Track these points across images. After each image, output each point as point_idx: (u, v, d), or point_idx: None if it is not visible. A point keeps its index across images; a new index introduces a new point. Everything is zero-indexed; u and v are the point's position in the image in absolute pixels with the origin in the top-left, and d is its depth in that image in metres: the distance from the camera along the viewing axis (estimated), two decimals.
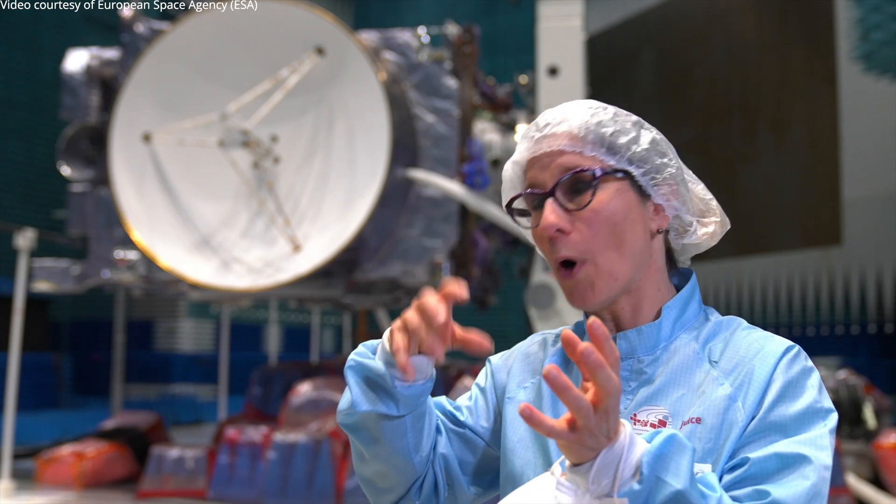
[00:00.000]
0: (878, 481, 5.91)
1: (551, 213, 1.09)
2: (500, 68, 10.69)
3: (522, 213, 1.19)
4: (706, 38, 11.91)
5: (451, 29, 6.68)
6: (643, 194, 1.13)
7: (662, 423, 1.06)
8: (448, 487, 1.23)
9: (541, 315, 6.42)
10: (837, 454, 5.34)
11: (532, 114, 7.02)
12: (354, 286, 6.74)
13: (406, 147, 6.33)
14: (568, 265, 1.10)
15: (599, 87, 7.84)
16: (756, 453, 0.99)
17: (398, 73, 6.52)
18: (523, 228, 1.22)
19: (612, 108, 1.15)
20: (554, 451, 1.13)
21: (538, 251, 1.18)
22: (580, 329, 1.25)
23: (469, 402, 1.28)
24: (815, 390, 1.04)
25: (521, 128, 7.11)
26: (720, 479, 1.00)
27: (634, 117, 1.16)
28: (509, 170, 1.20)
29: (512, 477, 1.17)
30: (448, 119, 6.48)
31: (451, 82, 6.52)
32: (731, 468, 1.01)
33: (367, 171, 6.13)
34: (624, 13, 12.84)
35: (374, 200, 5.93)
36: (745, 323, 1.16)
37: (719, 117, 11.55)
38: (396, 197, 6.31)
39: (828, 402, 1.03)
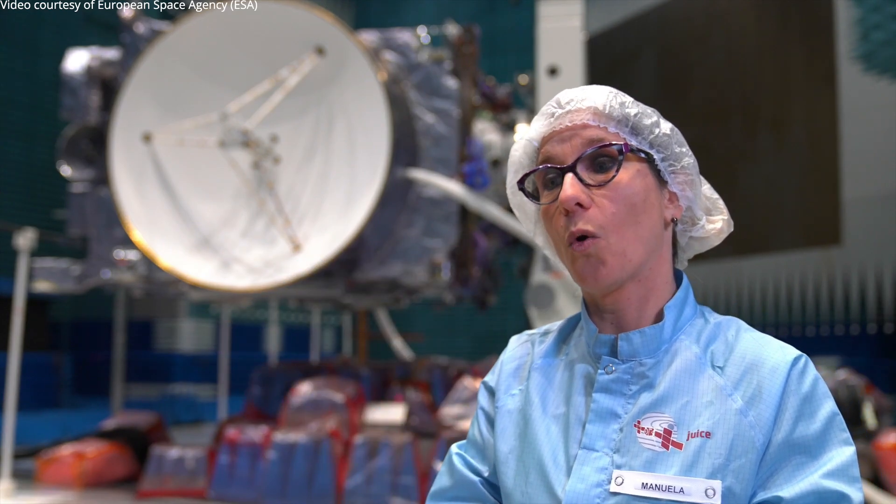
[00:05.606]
0: (878, 481, 5.90)
1: (571, 186, 1.06)
2: (500, 68, 10.68)
3: (530, 194, 1.16)
4: (706, 38, 11.90)
5: (451, 29, 6.68)
6: (661, 180, 1.12)
7: (668, 433, 1.04)
8: None
9: (541, 315, 6.41)
10: None
11: (532, 113, 7.02)
12: (354, 286, 6.74)
13: (406, 147, 6.33)
14: (581, 239, 1.07)
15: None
16: (787, 490, 0.98)
17: (398, 73, 6.52)
18: (528, 211, 1.20)
19: (629, 96, 1.15)
20: (549, 464, 1.09)
21: (539, 247, 1.17)
22: (571, 324, 1.23)
23: (480, 439, 1.23)
24: (828, 400, 1.03)
25: (521, 128, 7.10)
26: None
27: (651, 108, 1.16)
28: (520, 148, 1.17)
29: (506, 490, 1.13)
30: (448, 119, 6.48)
31: (451, 82, 6.52)
32: None
33: (367, 171, 6.12)
34: (624, 13, 12.83)
35: (374, 200, 5.93)
36: (745, 325, 1.14)
37: (719, 117, 11.53)
38: (396, 197, 6.31)
39: (835, 405, 1.03)
